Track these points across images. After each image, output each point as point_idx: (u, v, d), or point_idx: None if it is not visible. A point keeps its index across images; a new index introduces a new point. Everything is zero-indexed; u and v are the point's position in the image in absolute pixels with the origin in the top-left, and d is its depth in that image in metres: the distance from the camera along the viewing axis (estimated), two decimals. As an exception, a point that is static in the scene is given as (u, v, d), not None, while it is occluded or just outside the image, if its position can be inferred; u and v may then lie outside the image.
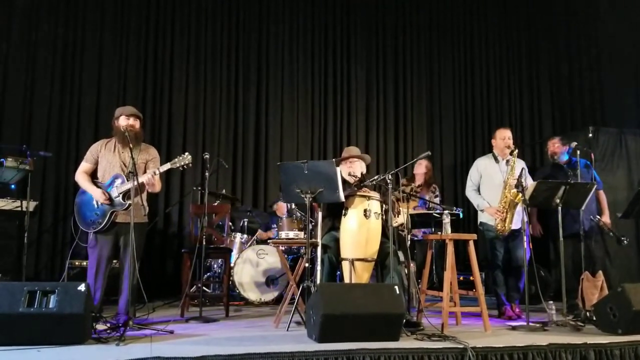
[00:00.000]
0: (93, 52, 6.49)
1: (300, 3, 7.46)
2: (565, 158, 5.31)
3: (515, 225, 4.75)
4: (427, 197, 5.84)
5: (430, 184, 6.12)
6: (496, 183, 4.94)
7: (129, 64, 6.64)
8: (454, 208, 5.40)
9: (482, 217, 5.06)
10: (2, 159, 5.14)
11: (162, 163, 4.35)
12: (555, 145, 5.38)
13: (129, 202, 3.97)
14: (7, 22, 6.17)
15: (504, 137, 5.07)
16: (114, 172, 4.09)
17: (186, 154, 4.08)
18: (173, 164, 4.05)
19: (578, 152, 5.06)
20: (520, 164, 4.97)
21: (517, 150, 4.80)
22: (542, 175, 5.39)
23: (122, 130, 4.07)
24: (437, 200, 5.90)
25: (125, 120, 4.15)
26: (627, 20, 7.86)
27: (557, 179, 4.90)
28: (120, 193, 4.01)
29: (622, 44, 7.98)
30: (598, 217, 5.24)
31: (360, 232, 3.93)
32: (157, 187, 4.19)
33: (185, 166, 4.07)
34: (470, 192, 5.15)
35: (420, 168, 6.15)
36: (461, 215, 5.04)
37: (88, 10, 6.53)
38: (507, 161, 5.02)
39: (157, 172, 4.01)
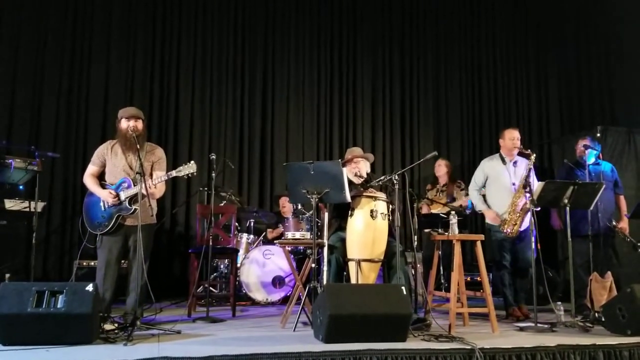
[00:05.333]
0: (100, 54, 6.51)
1: (307, 8, 7.46)
2: (590, 159, 5.25)
3: (523, 225, 4.73)
4: (454, 194, 6.01)
5: (455, 180, 6.20)
6: (503, 185, 4.88)
7: (136, 64, 6.66)
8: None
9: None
10: (10, 160, 5.17)
11: (168, 165, 4.35)
12: (583, 145, 5.31)
13: (134, 206, 3.97)
14: (16, 24, 6.20)
15: (512, 138, 4.95)
16: (120, 175, 4.09)
17: (191, 162, 4.05)
18: (178, 172, 4.03)
19: (589, 153, 5.03)
20: (525, 167, 4.97)
21: (534, 155, 4.68)
22: (560, 176, 5.39)
23: (125, 133, 4.08)
24: (463, 193, 5.94)
25: (126, 122, 4.13)
26: (636, 19, 7.81)
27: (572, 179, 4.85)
28: (127, 197, 4.01)
29: (631, 43, 7.93)
30: (615, 223, 5.19)
31: (366, 232, 3.93)
32: (157, 194, 4.19)
33: (189, 175, 4.05)
34: (472, 192, 5.09)
35: (441, 169, 6.25)
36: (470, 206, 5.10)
37: (96, 13, 6.56)
38: (515, 162, 4.98)
39: (153, 183, 4.01)
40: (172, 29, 6.88)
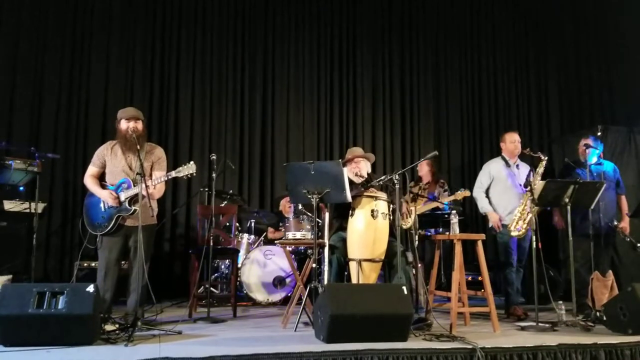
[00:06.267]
0: (101, 55, 6.51)
1: (307, 7, 7.46)
2: (591, 159, 5.25)
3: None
4: (435, 193, 5.93)
5: (438, 180, 6.19)
6: (509, 186, 5.01)
7: (136, 65, 6.65)
8: (462, 189, 5.47)
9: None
10: (10, 161, 5.17)
11: (168, 165, 4.35)
12: (584, 144, 5.30)
13: (134, 207, 3.97)
14: (16, 24, 6.20)
15: (513, 141, 5.11)
16: (120, 176, 4.10)
17: (191, 163, 4.05)
18: (177, 173, 4.03)
19: (591, 153, 5.04)
20: (526, 169, 5.08)
21: (546, 159, 4.77)
22: (561, 175, 5.40)
23: (125, 134, 4.08)
24: (447, 194, 5.92)
25: (126, 123, 4.13)
26: (636, 18, 7.81)
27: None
28: (127, 198, 4.01)
29: (631, 42, 7.93)
30: (616, 222, 5.19)
31: (367, 232, 3.92)
32: (157, 195, 4.19)
33: (189, 175, 4.05)
34: (478, 193, 5.14)
35: (423, 168, 6.26)
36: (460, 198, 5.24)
37: (95, 15, 6.55)
38: (517, 165, 5.10)
39: (152, 183, 3.99)
40: (172, 30, 6.87)
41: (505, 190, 5.02)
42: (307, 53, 7.38)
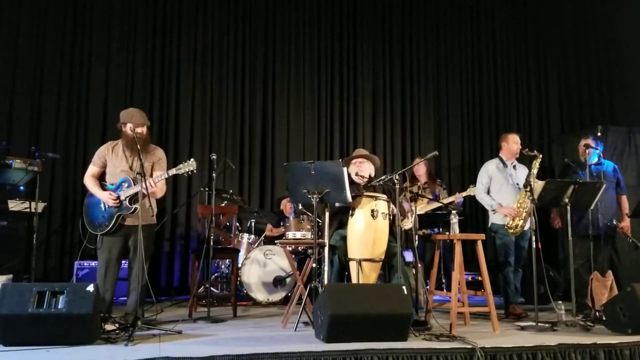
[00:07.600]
0: (100, 55, 6.52)
1: (307, 7, 7.46)
2: (592, 159, 5.25)
3: (526, 225, 4.77)
4: (437, 192, 5.96)
5: (435, 179, 6.23)
6: (507, 186, 5.03)
7: (137, 65, 6.66)
8: (471, 186, 5.48)
9: (493, 219, 5.06)
10: (10, 161, 5.17)
11: (168, 164, 4.36)
12: (584, 144, 5.30)
13: (135, 206, 3.98)
14: (16, 24, 6.21)
15: (517, 142, 5.13)
16: (121, 176, 4.10)
17: (191, 160, 4.06)
18: (178, 170, 4.04)
19: (593, 153, 5.06)
20: (524, 170, 5.09)
21: (541, 156, 4.78)
22: (561, 176, 5.40)
23: (130, 138, 4.08)
24: (446, 192, 5.95)
25: (132, 128, 4.13)
26: (635, 19, 7.81)
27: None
28: (127, 197, 4.02)
29: (631, 42, 7.94)
30: (616, 222, 5.19)
31: (367, 232, 3.92)
32: (159, 193, 4.19)
33: (190, 172, 4.05)
34: (481, 195, 5.15)
35: (420, 168, 6.23)
36: (473, 193, 5.21)
37: (95, 13, 6.56)
38: (515, 166, 5.12)
39: (153, 182, 3.98)
40: (172, 28, 6.89)
41: (503, 189, 5.03)
42: (307, 53, 7.39)
